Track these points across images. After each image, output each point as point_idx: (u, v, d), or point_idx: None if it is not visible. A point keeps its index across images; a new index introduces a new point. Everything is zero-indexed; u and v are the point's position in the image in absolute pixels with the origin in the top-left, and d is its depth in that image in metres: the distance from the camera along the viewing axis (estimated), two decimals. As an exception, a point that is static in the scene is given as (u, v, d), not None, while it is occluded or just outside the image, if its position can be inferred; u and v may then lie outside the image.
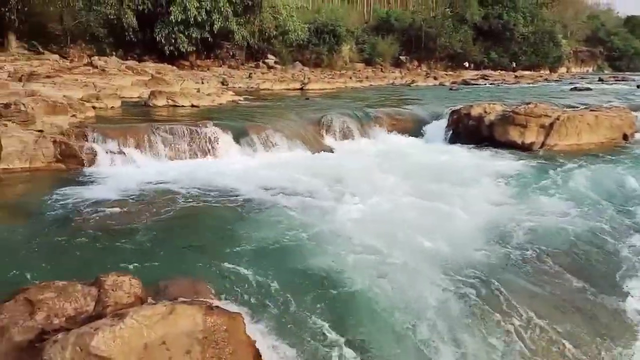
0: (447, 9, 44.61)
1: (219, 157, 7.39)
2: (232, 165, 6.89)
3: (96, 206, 5.01)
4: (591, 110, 9.17)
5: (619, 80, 28.85)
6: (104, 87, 12.54)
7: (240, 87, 19.01)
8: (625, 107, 10.18)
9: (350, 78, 27.34)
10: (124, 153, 6.81)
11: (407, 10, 50.56)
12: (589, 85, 21.69)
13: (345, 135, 9.45)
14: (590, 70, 65.31)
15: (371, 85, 24.99)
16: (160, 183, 5.90)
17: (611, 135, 8.63)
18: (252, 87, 19.51)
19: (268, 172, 6.53)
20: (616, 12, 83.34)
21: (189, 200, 5.32)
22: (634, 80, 29.55)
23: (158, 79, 15.04)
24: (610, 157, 7.58)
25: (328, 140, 9.16)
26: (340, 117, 9.67)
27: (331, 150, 8.58)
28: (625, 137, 8.85)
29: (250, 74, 25.30)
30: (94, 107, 9.27)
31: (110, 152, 6.75)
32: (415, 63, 43.94)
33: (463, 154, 8.18)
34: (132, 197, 5.38)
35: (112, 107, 10.18)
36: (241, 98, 13.44)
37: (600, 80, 29.93)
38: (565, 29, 62.89)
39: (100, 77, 14.47)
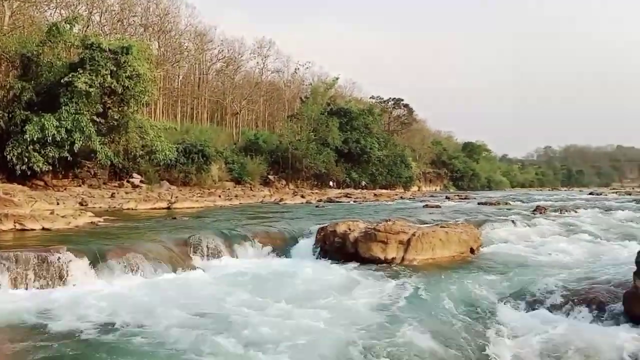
0: (311, 133, 48.00)
1: (72, 285, 6.74)
2: (87, 294, 6.30)
3: None
4: (441, 227, 10.05)
5: (463, 199, 32.35)
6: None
7: (101, 207, 18.04)
8: (471, 224, 11.29)
9: (220, 196, 27.37)
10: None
11: (274, 133, 53.55)
12: (438, 203, 24.00)
13: (214, 254, 9.24)
14: (438, 189, 72.98)
15: (240, 203, 25.19)
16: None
17: (460, 250, 9.45)
18: (114, 207, 18.61)
19: (126, 298, 6.08)
20: (455, 139, 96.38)
21: (31, 338, 4.70)
22: (475, 198, 33.49)
23: (5, 200, 13.72)
24: (458, 269, 8.24)
25: (196, 260, 8.87)
26: (207, 237, 9.51)
27: (199, 270, 8.30)
28: (472, 250, 9.74)
29: (113, 193, 24.25)
30: None
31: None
32: (283, 182, 45.69)
33: (329, 271, 8.36)
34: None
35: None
36: (101, 219, 12.70)
37: (447, 198, 33.34)
38: (414, 152, 70.86)
39: None
